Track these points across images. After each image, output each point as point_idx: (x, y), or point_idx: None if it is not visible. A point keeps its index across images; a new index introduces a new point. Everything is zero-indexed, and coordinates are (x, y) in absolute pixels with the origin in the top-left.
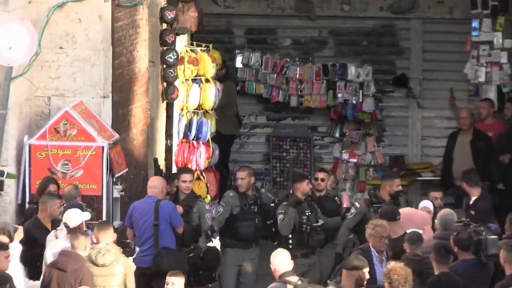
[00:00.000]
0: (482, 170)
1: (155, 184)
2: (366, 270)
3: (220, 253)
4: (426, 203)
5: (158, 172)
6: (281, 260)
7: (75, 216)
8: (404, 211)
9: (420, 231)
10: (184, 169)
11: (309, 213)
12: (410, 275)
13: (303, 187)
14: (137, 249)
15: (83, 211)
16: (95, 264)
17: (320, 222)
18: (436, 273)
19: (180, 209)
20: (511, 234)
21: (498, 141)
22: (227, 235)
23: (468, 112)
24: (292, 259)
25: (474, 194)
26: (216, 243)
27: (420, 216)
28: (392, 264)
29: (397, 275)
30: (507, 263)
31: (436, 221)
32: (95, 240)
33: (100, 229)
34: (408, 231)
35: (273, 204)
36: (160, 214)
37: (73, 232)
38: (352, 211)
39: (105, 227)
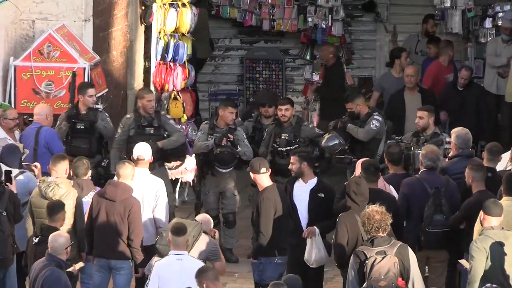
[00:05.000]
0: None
1: (40, 112)
2: None
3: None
4: None
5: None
6: None
7: (148, 150)
8: None
9: None
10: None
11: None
12: (388, 219)
13: None
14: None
15: (20, 152)
16: (45, 198)
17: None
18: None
19: None
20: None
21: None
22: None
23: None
24: None
25: None
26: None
27: None
28: (371, 208)
29: (371, 220)
30: (474, 182)
31: (453, 141)
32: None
33: (54, 162)
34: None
35: None
36: (39, 140)
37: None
38: None
39: (60, 160)
